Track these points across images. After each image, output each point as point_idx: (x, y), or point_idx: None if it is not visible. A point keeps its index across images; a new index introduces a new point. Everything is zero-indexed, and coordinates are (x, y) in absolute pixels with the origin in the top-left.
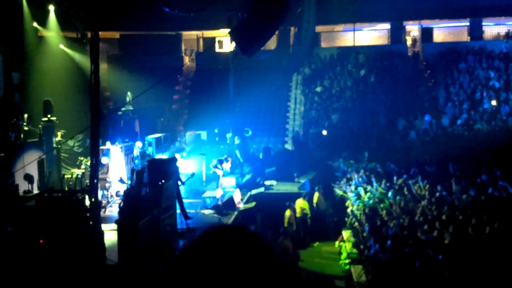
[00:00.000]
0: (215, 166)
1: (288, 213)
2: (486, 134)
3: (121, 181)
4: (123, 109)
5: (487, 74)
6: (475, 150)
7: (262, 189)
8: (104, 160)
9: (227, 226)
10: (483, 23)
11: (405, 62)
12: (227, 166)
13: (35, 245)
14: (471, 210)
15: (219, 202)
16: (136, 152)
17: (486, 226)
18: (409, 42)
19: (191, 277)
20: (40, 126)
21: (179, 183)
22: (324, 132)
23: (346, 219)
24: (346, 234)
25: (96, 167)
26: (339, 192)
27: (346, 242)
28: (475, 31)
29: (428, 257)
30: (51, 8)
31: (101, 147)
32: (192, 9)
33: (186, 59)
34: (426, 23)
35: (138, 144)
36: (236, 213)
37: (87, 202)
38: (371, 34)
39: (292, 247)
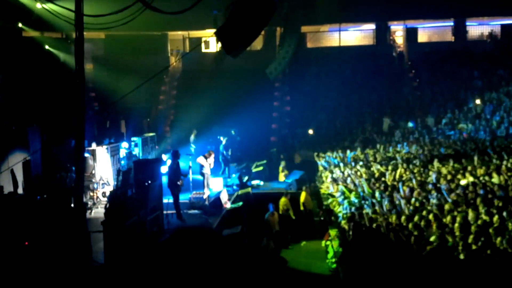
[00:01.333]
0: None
1: (272, 217)
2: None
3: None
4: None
5: (470, 74)
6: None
7: (249, 189)
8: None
9: (192, 227)
10: (467, 23)
11: (390, 62)
12: (210, 160)
13: (20, 247)
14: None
15: (206, 202)
16: (122, 153)
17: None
18: (394, 42)
19: (159, 273)
20: None
21: (182, 178)
22: (310, 132)
23: (332, 218)
24: (332, 233)
25: (81, 169)
26: (324, 191)
27: (332, 241)
28: (459, 31)
29: (412, 256)
30: (36, 7)
31: (86, 148)
32: (178, 9)
33: (172, 60)
34: (411, 23)
35: (124, 144)
36: (223, 213)
37: (73, 204)
38: (357, 34)
39: (275, 247)
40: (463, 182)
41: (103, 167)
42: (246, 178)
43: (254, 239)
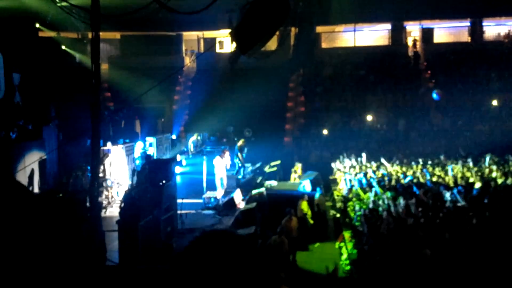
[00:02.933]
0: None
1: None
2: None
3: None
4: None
5: (487, 75)
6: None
7: (263, 190)
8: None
9: (217, 231)
10: (484, 24)
11: (405, 62)
12: (226, 159)
13: (36, 246)
14: (471, 210)
15: (220, 203)
16: (137, 152)
17: (486, 226)
18: (409, 42)
19: (184, 278)
20: None
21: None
22: (325, 132)
23: (346, 219)
24: (346, 234)
25: (97, 168)
26: (338, 193)
27: (346, 242)
28: (476, 32)
29: (425, 257)
30: (52, 8)
31: (102, 148)
32: (193, 9)
33: (187, 60)
34: (427, 23)
35: (139, 144)
36: (236, 213)
37: (88, 203)
38: (372, 35)
39: (289, 249)
40: (477, 185)
41: (119, 167)
42: (260, 178)
43: (268, 240)
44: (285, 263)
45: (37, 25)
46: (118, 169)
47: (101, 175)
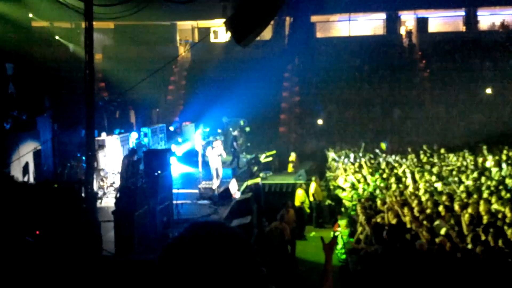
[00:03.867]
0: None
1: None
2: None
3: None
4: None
5: (482, 64)
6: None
7: (258, 180)
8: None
9: (207, 222)
10: (478, 13)
11: (400, 52)
12: (219, 149)
13: (32, 236)
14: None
15: (216, 193)
16: (132, 143)
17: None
18: (404, 32)
19: (172, 273)
20: None
21: None
22: (320, 122)
23: (342, 209)
24: (342, 223)
25: (91, 158)
26: (333, 183)
27: (342, 231)
28: (471, 21)
29: (423, 250)
30: None
31: (96, 138)
32: None
33: (181, 50)
34: (422, 13)
35: (134, 135)
36: (232, 203)
37: (83, 193)
38: (367, 24)
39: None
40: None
41: (114, 157)
42: (255, 168)
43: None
44: (283, 251)
45: (30, 15)
46: (113, 159)
47: (96, 165)
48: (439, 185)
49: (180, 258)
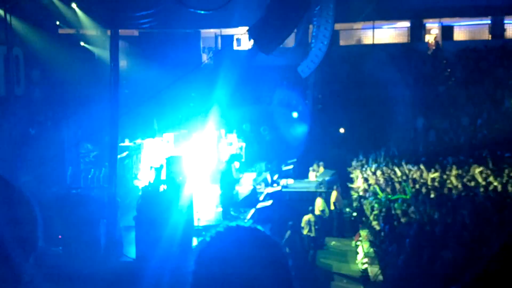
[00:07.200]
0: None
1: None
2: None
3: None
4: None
5: (508, 73)
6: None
7: (279, 187)
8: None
9: (239, 227)
10: (505, 21)
11: (425, 60)
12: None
13: (54, 241)
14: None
15: (236, 200)
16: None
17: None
18: (429, 40)
19: (206, 275)
20: None
21: None
22: (342, 130)
23: (363, 218)
24: (363, 233)
25: (114, 164)
26: (354, 193)
27: (363, 241)
28: (497, 30)
29: (447, 259)
30: (72, 6)
31: (120, 144)
32: (211, 7)
33: (204, 57)
34: (447, 21)
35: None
36: (253, 211)
37: (105, 198)
38: (391, 32)
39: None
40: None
41: (137, 163)
42: (276, 176)
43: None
44: (304, 260)
45: (57, 23)
46: (136, 165)
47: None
48: None
49: (215, 261)
